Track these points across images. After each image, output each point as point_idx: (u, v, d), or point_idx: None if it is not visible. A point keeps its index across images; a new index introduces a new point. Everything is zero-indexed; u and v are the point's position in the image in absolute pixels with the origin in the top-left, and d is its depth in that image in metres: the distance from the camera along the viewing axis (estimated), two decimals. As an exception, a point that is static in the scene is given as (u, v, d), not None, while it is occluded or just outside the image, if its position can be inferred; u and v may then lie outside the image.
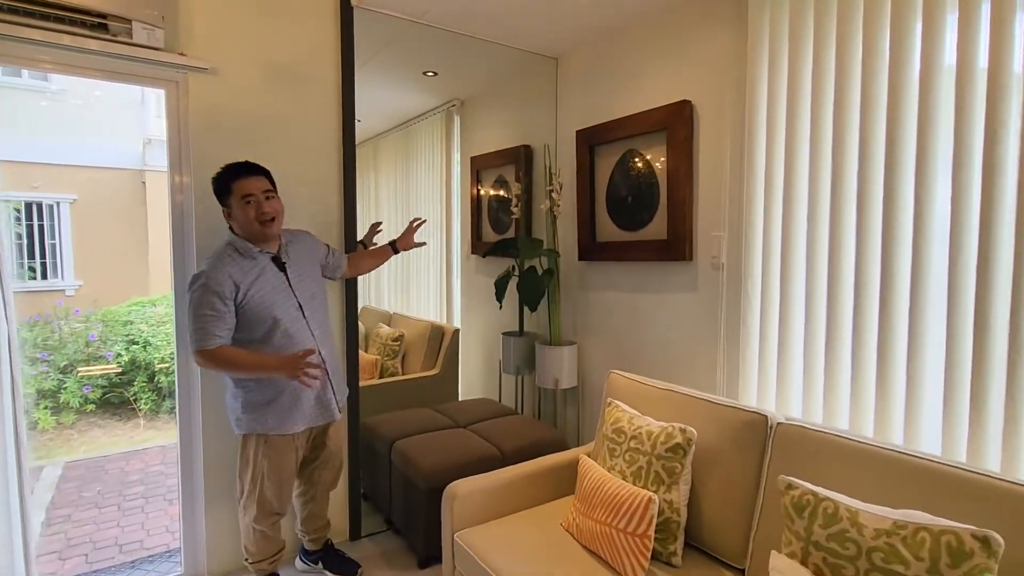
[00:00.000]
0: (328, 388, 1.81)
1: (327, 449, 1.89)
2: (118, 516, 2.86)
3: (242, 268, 1.64)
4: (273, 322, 1.66)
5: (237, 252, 1.66)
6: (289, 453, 1.76)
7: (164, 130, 1.89)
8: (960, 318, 1.41)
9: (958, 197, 1.40)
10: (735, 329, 1.99)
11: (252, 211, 1.63)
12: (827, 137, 1.69)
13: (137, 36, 1.68)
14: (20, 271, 6.86)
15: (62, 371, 4.37)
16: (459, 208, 3.54)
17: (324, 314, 1.85)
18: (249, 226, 1.64)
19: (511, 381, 3.16)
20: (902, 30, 1.50)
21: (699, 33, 2.09)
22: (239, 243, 1.68)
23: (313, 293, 1.80)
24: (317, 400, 1.78)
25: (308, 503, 1.97)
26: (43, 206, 7.12)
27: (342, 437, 1.97)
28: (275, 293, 1.68)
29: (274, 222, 1.68)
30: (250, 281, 1.64)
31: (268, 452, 1.72)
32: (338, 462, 1.98)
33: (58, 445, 4.03)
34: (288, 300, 1.71)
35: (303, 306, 1.75)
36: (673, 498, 1.55)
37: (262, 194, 1.66)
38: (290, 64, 2.09)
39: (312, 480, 1.93)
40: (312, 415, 1.78)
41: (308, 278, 1.81)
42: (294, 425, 1.73)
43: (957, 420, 1.41)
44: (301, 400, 1.74)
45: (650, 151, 2.29)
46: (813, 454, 1.41)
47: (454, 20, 2.40)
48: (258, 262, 1.68)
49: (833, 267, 1.67)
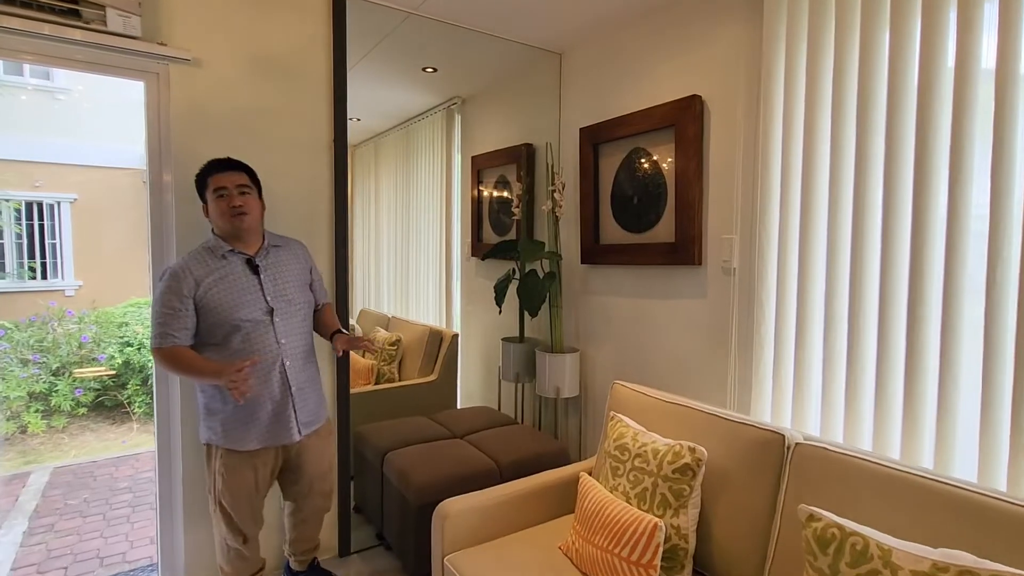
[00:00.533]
0: (288, 405, 1.65)
1: (305, 473, 1.74)
2: (102, 526, 2.76)
3: (208, 267, 1.57)
4: (232, 326, 1.56)
5: (209, 251, 1.61)
6: (245, 472, 1.62)
7: (143, 124, 1.79)
8: (998, 328, 1.28)
9: (997, 198, 1.28)
10: (747, 338, 1.87)
11: (223, 204, 1.57)
12: (850, 134, 1.57)
13: (112, 24, 1.58)
14: (20, 271, 6.81)
15: (54, 373, 4.29)
16: (459, 209, 3.44)
17: (301, 325, 1.71)
18: (220, 219, 1.58)
19: (511, 389, 3.04)
20: (935, 19, 1.37)
21: (710, 24, 1.98)
22: (212, 242, 1.62)
23: (290, 299, 1.67)
24: (275, 416, 1.63)
25: (298, 525, 1.85)
26: (44, 205, 7.07)
27: (325, 459, 1.79)
28: (240, 295, 1.58)
29: (245, 216, 1.59)
30: (212, 280, 1.56)
31: (222, 468, 1.60)
32: (327, 487, 1.82)
33: (48, 449, 3.94)
34: (255, 304, 1.60)
35: (274, 311, 1.63)
36: (681, 523, 1.43)
37: (235, 188, 1.59)
38: (280, 56, 1.99)
39: (300, 505, 1.81)
40: (267, 434, 1.62)
41: (287, 284, 1.69)
42: (247, 442, 1.59)
43: (995, 442, 1.29)
44: (256, 415, 1.60)
45: (657, 149, 2.18)
46: (835, 479, 1.29)
47: (452, 13, 2.30)
48: (228, 262, 1.60)
49: (856, 272, 1.55)
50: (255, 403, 1.60)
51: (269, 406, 1.62)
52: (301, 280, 1.75)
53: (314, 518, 1.82)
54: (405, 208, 3.60)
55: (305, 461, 1.72)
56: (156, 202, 1.83)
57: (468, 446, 2.33)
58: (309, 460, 1.73)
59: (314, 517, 1.82)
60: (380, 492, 2.31)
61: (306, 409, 1.71)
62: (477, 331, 3.31)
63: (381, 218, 3.64)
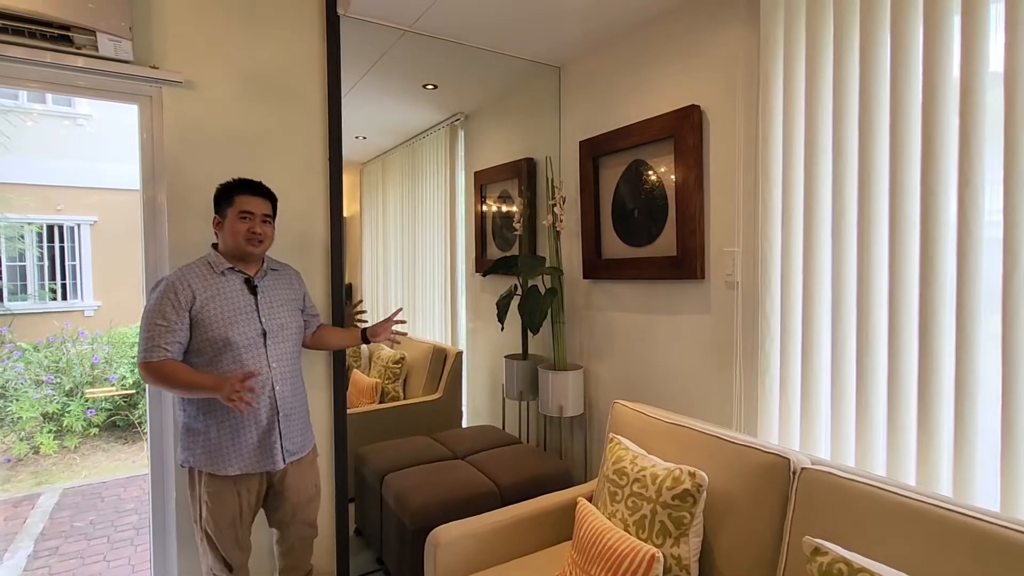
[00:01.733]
0: (275, 430, 1.60)
1: (287, 500, 1.67)
2: (106, 549, 2.75)
3: (206, 281, 1.55)
4: (224, 343, 1.52)
5: (208, 266, 1.59)
6: (229, 498, 1.56)
7: (137, 147, 1.79)
8: (1018, 342, 1.19)
9: (1011, 207, 1.20)
10: (752, 354, 1.79)
11: (244, 227, 1.57)
12: (852, 142, 1.50)
13: (103, 48, 1.59)
14: (41, 292, 6.96)
15: (68, 394, 4.34)
16: (464, 224, 3.42)
17: (292, 350, 1.69)
18: (235, 240, 1.57)
19: (516, 407, 2.98)
20: (937, 21, 1.31)
21: (707, 35, 1.93)
22: (212, 257, 1.61)
23: (283, 323, 1.65)
24: (260, 442, 1.58)
25: (285, 553, 1.79)
26: (64, 228, 7.25)
27: (308, 487, 1.72)
28: (235, 314, 1.56)
29: (261, 245, 1.62)
30: (209, 294, 1.54)
31: (205, 496, 1.55)
32: (310, 514, 1.75)
33: (60, 470, 3.97)
34: (250, 324, 1.58)
35: (267, 333, 1.61)
36: (681, 553, 1.35)
37: (260, 215, 1.60)
38: (273, 76, 1.99)
39: (284, 533, 1.75)
40: (251, 459, 1.57)
41: (281, 308, 1.67)
42: (228, 466, 1.54)
43: (1017, 466, 1.19)
44: (241, 438, 1.55)
45: (657, 161, 2.13)
46: (844, 507, 1.21)
47: (449, 29, 2.29)
48: (226, 279, 1.59)
49: (863, 284, 1.47)
50: (240, 426, 1.55)
51: (254, 431, 1.57)
52: (295, 306, 1.74)
53: (300, 545, 1.76)
54: (411, 225, 3.59)
55: (287, 487, 1.67)
56: (149, 223, 1.83)
57: (469, 467, 2.28)
58: (291, 487, 1.68)
59: (300, 545, 1.76)
60: (379, 515, 2.26)
61: (292, 436, 1.66)
62: (483, 348, 3.27)
63: (389, 236, 3.64)
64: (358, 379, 3.15)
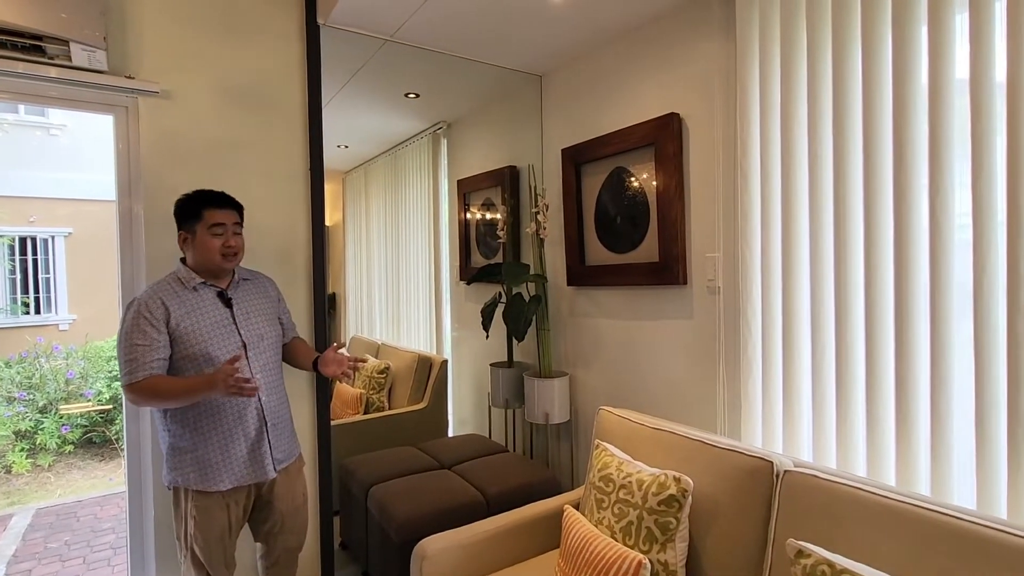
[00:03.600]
0: (264, 440, 1.59)
1: (276, 510, 1.66)
2: (82, 570, 2.67)
3: (179, 298, 1.52)
4: (206, 359, 1.50)
5: (179, 282, 1.55)
6: (218, 513, 1.54)
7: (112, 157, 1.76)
8: (990, 343, 1.22)
9: (980, 211, 1.23)
10: (735, 359, 1.81)
11: (218, 242, 1.54)
12: (827, 150, 1.53)
13: (77, 59, 1.56)
14: (13, 306, 6.78)
15: (41, 411, 4.21)
16: (448, 233, 3.41)
17: (273, 360, 1.68)
18: (209, 256, 1.54)
19: (503, 415, 2.97)
20: (906, 31, 1.35)
21: (686, 43, 1.97)
22: (182, 272, 1.56)
23: (262, 334, 1.64)
24: (250, 454, 1.57)
25: (270, 568, 1.76)
26: (37, 240, 7.08)
27: (297, 495, 1.71)
28: (213, 328, 1.53)
29: (236, 258, 1.59)
30: (184, 311, 1.50)
31: (193, 511, 1.53)
32: (299, 523, 1.74)
33: (33, 489, 3.85)
34: (229, 337, 1.55)
35: (247, 345, 1.59)
36: (668, 559, 1.36)
37: (232, 227, 1.57)
38: (253, 86, 1.98)
39: (272, 544, 1.72)
40: (242, 472, 1.56)
41: (258, 317, 1.65)
42: (219, 481, 1.52)
43: (993, 465, 1.22)
44: (231, 451, 1.54)
45: (638, 168, 2.15)
46: (826, 508, 1.22)
47: (430, 39, 2.30)
48: (199, 294, 1.55)
49: (841, 289, 1.50)
50: (230, 439, 1.54)
51: (244, 443, 1.56)
52: (271, 314, 1.72)
53: (286, 558, 1.73)
54: (395, 234, 3.57)
55: (276, 497, 1.65)
56: (126, 235, 1.80)
57: (455, 477, 2.26)
58: (280, 496, 1.66)
59: (286, 557, 1.73)
60: (365, 528, 2.22)
61: (280, 445, 1.65)
62: (468, 356, 3.26)
63: (372, 245, 3.61)
64: (342, 390, 3.11)
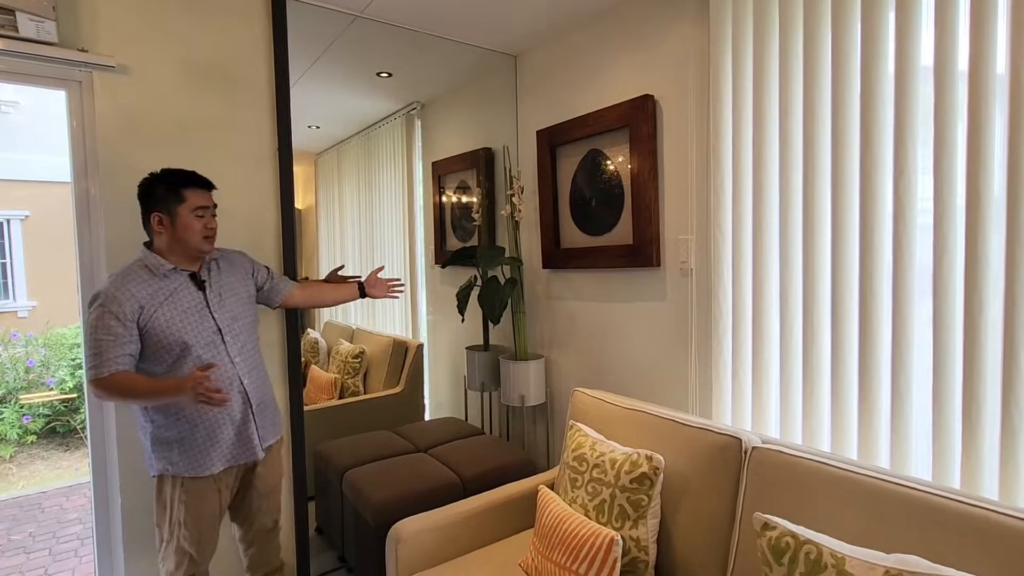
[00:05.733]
0: (250, 422, 1.59)
1: (254, 490, 1.67)
2: (48, 562, 2.61)
3: (150, 288, 1.46)
4: (182, 348, 1.47)
5: (147, 269, 1.48)
6: (210, 496, 1.55)
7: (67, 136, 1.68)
8: (948, 323, 1.27)
9: (940, 195, 1.27)
10: (706, 340, 1.84)
11: (200, 224, 1.50)
12: (797, 133, 1.55)
13: (24, 29, 1.48)
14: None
15: (0, 401, 4.06)
16: (423, 216, 3.37)
17: (250, 340, 1.65)
18: (191, 239, 1.49)
19: (479, 398, 2.98)
20: (874, 18, 1.37)
21: (661, 24, 1.96)
22: (151, 259, 1.49)
23: (235, 315, 1.60)
24: (238, 435, 1.57)
25: (249, 548, 1.76)
26: (-8, 224, 6.77)
27: (275, 475, 1.72)
28: (187, 315, 1.50)
29: (213, 240, 1.56)
30: (158, 302, 1.45)
31: (184, 496, 1.52)
32: (275, 502, 1.74)
33: (-6, 481, 3.73)
34: (203, 322, 1.52)
35: (222, 330, 1.56)
36: (640, 535, 1.39)
37: (212, 209, 1.55)
38: (216, 62, 1.90)
39: (248, 526, 1.72)
40: (231, 452, 1.56)
41: (232, 299, 1.62)
42: (211, 465, 1.52)
43: (948, 439, 1.27)
44: (219, 436, 1.53)
45: (613, 150, 2.15)
46: (792, 482, 1.26)
47: (402, 16, 2.24)
48: (171, 280, 1.50)
49: (808, 272, 1.53)
50: (216, 425, 1.53)
51: (230, 427, 1.55)
52: (247, 293, 1.69)
53: (263, 538, 1.73)
54: (369, 217, 3.51)
55: (257, 476, 1.66)
56: (83, 218, 1.72)
57: (431, 460, 2.26)
58: (260, 475, 1.67)
59: (262, 537, 1.73)
60: (341, 513, 2.22)
61: (265, 425, 1.66)
62: (444, 340, 3.24)
63: (346, 228, 3.54)
64: (316, 375, 3.07)
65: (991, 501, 1.02)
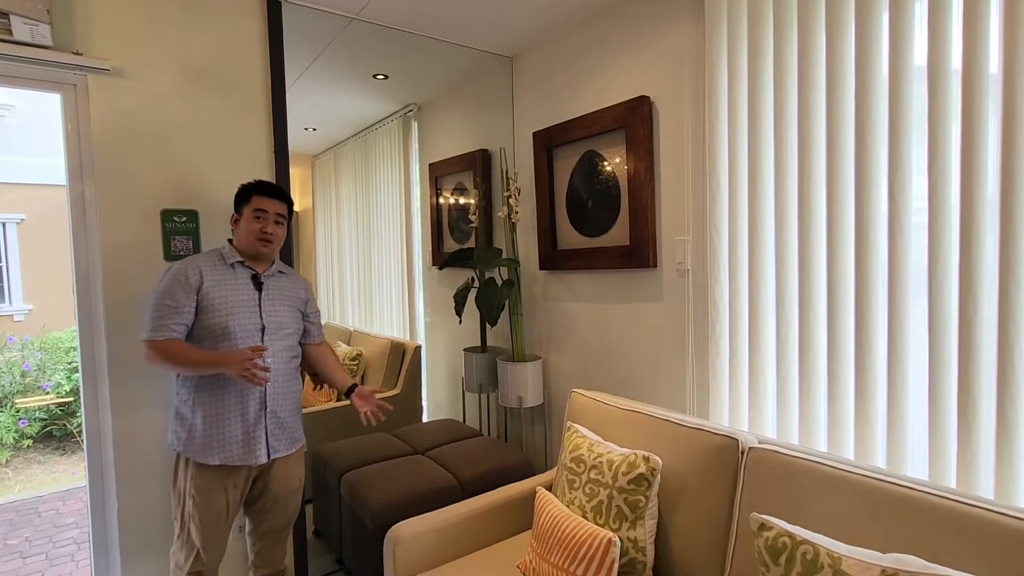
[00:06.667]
0: (261, 426, 1.60)
1: (271, 491, 1.69)
2: (44, 566, 2.59)
3: (215, 269, 1.60)
4: (224, 332, 1.55)
5: (220, 256, 1.64)
6: (216, 493, 1.56)
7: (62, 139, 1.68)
8: (943, 322, 1.27)
9: (935, 195, 1.27)
10: (703, 340, 1.84)
11: (257, 225, 1.63)
12: (792, 132, 1.56)
13: (18, 32, 1.47)
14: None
15: (-3, 405, 4.05)
16: (420, 218, 3.37)
17: (287, 350, 1.69)
18: (248, 238, 1.63)
19: (477, 400, 2.98)
20: (868, 18, 1.37)
21: (656, 25, 1.96)
22: (226, 250, 1.65)
23: (281, 323, 1.67)
24: (245, 436, 1.58)
25: (256, 543, 1.78)
26: (-13, 227, 6.73)
27: (294, 478, 1.73)
28: (238, 306, 1.59)
29: (271, 244, 1.66)
30: (215, 281, 1.58)
31: (192, 489, 1.55)
32: (291, 506, 1.75)
33: (-10, 486, 3.71)
34: (250, 317, 1.60)
35: (265, 328, 1.62)
36: (637, 536, 1.39)
37: (273, 215, 1.65)
38: (212, 65, 1.90)
39: (259, 520, 1.74)
40: (233, 452, 1.57)
41: (283, 308, 1.69)
42: (209, 455, 1.55)
43: (944, 439, 1.28)
44: (226, 430, 1.56)
45: (610, 152, 2.15)
46: (788, 482, 1.26)
47: (398, 18, 2.24)
48: (235, 272, 1.63)
49: (804, 272, 1.54)
50: (226, 418, 1.57)
51: (240, 424, 1.58)
52: (296, 308, 1.75)
53: (272, 536, 1.75)
54: (366, 218, 3.50)
55: (273, 478, 1.68)
56: (79, 221, 1.72)
57: (429, 462, 2.26)
58: (276, 478, 1.69)
59: (272, 535, 1.75)
60: (339, 515, 2.21)
61: (278, 434, 1.66)
62: (442, 342, 3.24)
63: (343, 230, 3.54)
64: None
65: (987, 500, 1.03)
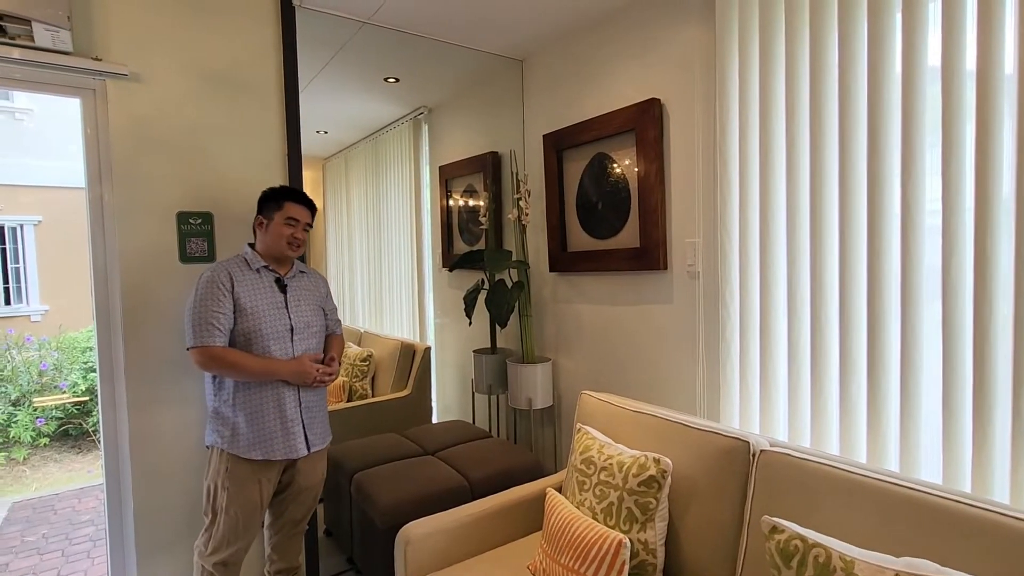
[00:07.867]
0: (298, 421, 1.67)
1: (296, 484, 1.75)
2: (60, 563, 2.64)
3: (242, 274, 1.65)
4: (255, 333, 1.61)
5: (244, 262, 1.68)
6: (251, 485, 1.62)
7: (81, 143, 1.71)
8: (958, 325, 1.26)
9: (949, 197, 1.27)
10: (714, 342, 1.84)
11: (288, 231, 1.68)
12: (804, 134, 1.55)
13: (40, 39, 1.51)
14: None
15: (14, 404, 4.11)
16: (430, 219, 3.38)
17: (316, 347, 1.76)
18: (278, 242, 1.68)
19: (486, 401, 2.98)
20: (880, 19, 1.37)
21: (666, 27, 1.96)
22: (250, 255, 1.69)
23: (308, 322, 1.73)
24: (284, 430, 1.65)
25: (275, 535, 1.82)
26: (6, 229, 6.86)
27: (319, 472, 1.80)
28: (267, 308, 1.65)
29: (298, 250, 1.73)
30: (243, 286, 1.63)
31: (227, 482, 1.60)
32: (310, 498, 1.81)
33: (8, 483, 3.78)
34: (279, 318, 1.66)
35: (294, 329, 1.68)
36: (648, 538, 1.39)
37: (304, 224, 1.72)
38: (226, 69, 1.93)
39: (281, 511, 1.78)
40: (275, 446, 1.63)
41: (307, 307, 1.75)
42: (251, 450, 1.60)
43: (959, 442, 1.26)
44: (266, 426, 1.62)
45: (619, 154, 2.15)
46: (800, 485, 1.26)
47: (409, 22, 2.26)
48: (260, 276, 1.68)
49: (816, 274, 1.53)
50: (265, 416, 1.63)
51: (279, 422, 1.65)
52: (319, 306, 1.82)
53: (288, 530, 1.79)
54: (376, 220, 3.53)
55: (299, 471, 1.74)
56: (97, 223, 1.75)
57: (439, 463, 2.27)
58: (302, 471, 1.74)
59: (288, 529, 1.79)
60: (349, 515, 2.23)
61: (314, 428, 1.74)
62: (452, 343, 3.25)
63: (354, 232, 3.57)
64: (325, 378, 3.10)
65: (1000, 504, 1.02)
